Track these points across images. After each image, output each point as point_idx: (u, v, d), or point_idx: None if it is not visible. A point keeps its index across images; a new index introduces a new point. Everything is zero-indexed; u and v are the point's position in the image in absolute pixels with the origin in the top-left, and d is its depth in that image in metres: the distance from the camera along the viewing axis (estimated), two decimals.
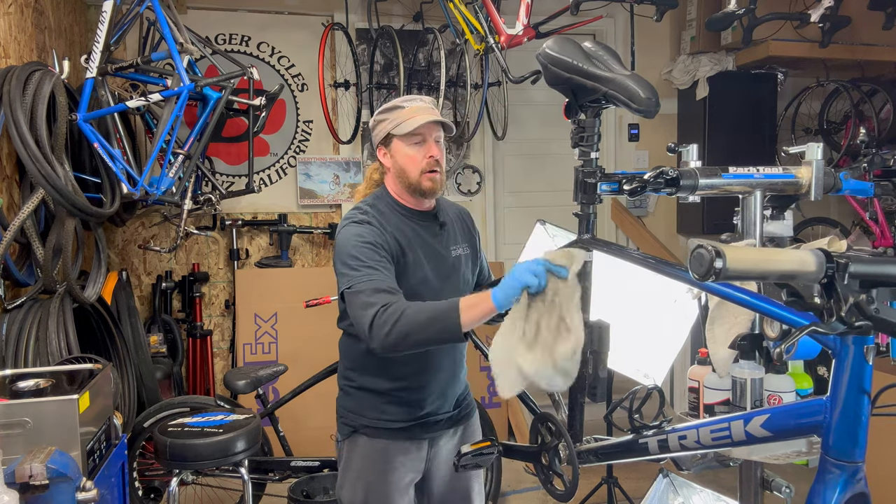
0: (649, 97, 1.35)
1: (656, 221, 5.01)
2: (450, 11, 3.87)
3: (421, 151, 1.81)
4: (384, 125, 1.85)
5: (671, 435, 1.26)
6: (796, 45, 4.24)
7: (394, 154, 1.84)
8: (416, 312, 1.55)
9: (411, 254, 1.81)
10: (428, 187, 1.82)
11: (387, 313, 1.56)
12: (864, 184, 1.77)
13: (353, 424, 1.90)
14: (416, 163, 1.81)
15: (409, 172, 1.82)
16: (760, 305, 1.09)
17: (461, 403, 1.99)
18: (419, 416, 1.88)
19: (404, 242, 1.80)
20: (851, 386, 0.96)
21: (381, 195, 1.90)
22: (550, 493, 1.56)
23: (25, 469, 1.47)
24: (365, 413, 1.88)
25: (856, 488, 0.98)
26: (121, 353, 3.04)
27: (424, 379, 1.87)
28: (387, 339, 1.55)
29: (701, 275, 0.87)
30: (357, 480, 1.89)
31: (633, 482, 3.27)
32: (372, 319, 1.57)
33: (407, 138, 1.81)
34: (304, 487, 2.92)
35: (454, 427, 1.98)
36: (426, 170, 1.81)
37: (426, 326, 1.54)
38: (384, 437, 1.87)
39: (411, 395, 1.87)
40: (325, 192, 4.49)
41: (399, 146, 1.83)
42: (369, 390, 1.87)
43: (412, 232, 1.84)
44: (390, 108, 1.85)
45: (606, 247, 1.47)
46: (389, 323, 1.55)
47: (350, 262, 1.69)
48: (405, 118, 1.80)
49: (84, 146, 3.01)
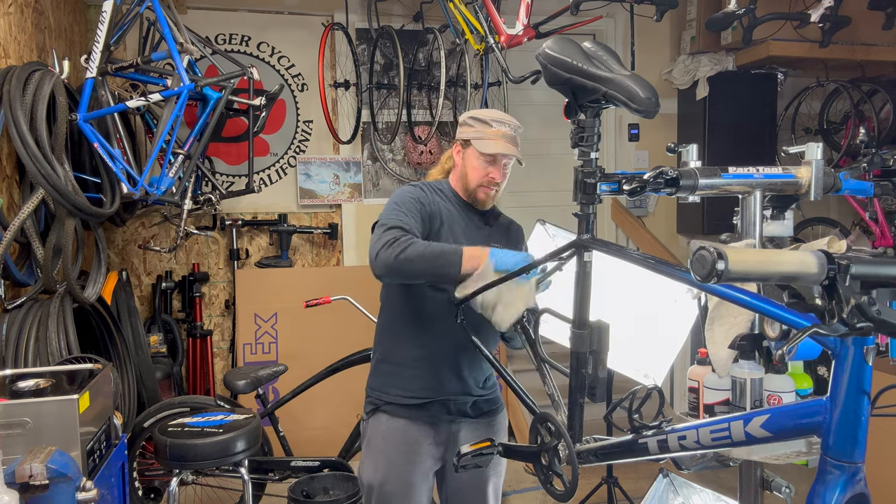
0: (649, 97, 1.35)
1: (656, 221, 5.01)
2: (450, 11, 3.87)
3: (487, 168, 1.96)
4: (468, 130, 1.99)
5: (671, 435, 1.25)
6: (796, 45, 4.24)
7: (466, 158, 2.01)
8: (427, 246, 1.76)
9: (447, 228, 1.96)
10: (480, 198, 2.01)
11: (401, 239, 1.75)
12: (863, 184, 1.77)
13: (376, 402, 2.00)
14: (479, 176, 1.98)
15: (470, 179, 1.99)
16: (760, 306, 1.09)
17: (484, 394, 2.04)
18: (438, 393, 1.96)
19: (445, 217, 1.96)
20: (851, 387, 0.96)
21: (444, 182, 2.08)
22: (550, 493, 1.56)
23: (25, 469, 1.47)
24: (388, 390, 1.99)
25: (856, 489, 0.98)
26: (121, 353, 3.04)
27: (442, 355, 1.95)
28: (394, 259, 1.72)
29: (703, 276, 0.87)
30: (378, 458, 1.97)
31: (633, 482, 3.28)
32: (386, 241, 1.75)
33: (481, 153, 1.96)
34: (304, 487, 2.92)
35: (476, 419, 2.03)
36: (484, 185, 1.98)
37: (431, 260, 1.73)
38: (405, 417, 1.96)
39: (430, 368, 1.95)
40: (325, 192, 4.49)
41: (472, 154, 1.98)
42: (391, 363, 2.00)
43: (458, 216, 2.01)
44: (481, 119, 1.97)
45: (606, 247, 1.47)
46: (400, 247, 1.73)
47: (389, 207, 1.91)
48: (488, 136, 1.94)
49: (84, 146, 3.01)
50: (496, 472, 2.10)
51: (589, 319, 1.49)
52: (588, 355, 1.47)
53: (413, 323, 1.97)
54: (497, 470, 2.11)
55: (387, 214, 1.88)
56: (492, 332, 1.91)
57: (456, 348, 1.95)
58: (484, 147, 1.94)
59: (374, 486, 1.97)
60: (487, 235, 2.03)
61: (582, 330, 1.49)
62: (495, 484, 2.10)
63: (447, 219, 1.97)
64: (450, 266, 1.72)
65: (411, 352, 1.97)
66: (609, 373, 1.49)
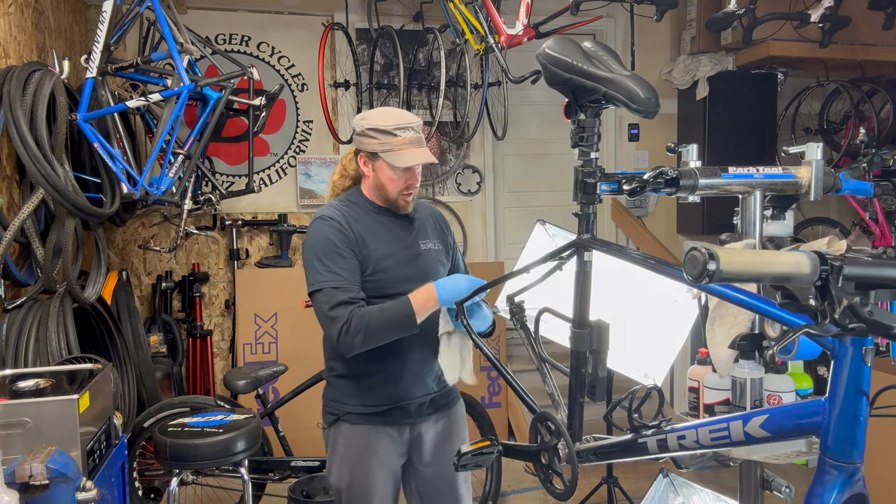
0: (649, 97, 1.35)
1: (656, 221, 5.01)
2: (450, 11, 3.87)
3: (403, 177, 1.92)
4: (372, 143, 1.90)
5: (670, 435, 1.25)
6: (796, 45, 4.23)
7: (377, 170, 1.93)
8: (380, 313, 1.79)
9: (376, 245, 1.92)
10: (402, 205, 1.97)
11: (352, 327, 1.78)
12: (863, 184, 1.77)
13: (336, 413, 2.00)
14: (398, 186, 1.93)
15: (389, 191, 1.94)
16: (759, 306, 1.09)
17: (440, 389, 2.04)
18: (397, 400, 1.96)
19: (368, 237, 1.92)
20: (850, 387, 0.96)
21: (355, 194, 2.01)
22: (550, 493, 1.56)
23: (25, 469, 1.47)
24: (346, 401, 1.98)
25: (854, 489, 0.98)
26: (121, 353, 3.04)
27: (400, 363, 1.95)
28: (355, 348, 1.80)
29: (694, 277, 0.88)
30: (342, 464, 1.98)
31: (633, 482, 3.28)
32: (338, 334, 1.79)
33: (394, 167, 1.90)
34: (304, 487, 2.93)
35: (436, 413, 2.04)
36: (404, 192, 1.94)
37: (391, 327, 1.80)
38: (365, 423, 1.96)
39: (388, 379, 1.94)
40: (325, 191, 4.48)
41: (384, 167, 1.91)
42: (349, 377, 1.97)
43: (381, 226, 1.96)
44: (381, 130, 1.88)
45: (606, 247, 1.47)
46: (358, 331, 1.78)
47: (313, 263, 1.87)
48: (396, 148, 1.88)
49: (84, 146, 3.01)
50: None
51: (589, 319, 1.49)
52: (588, 355, 1.48)
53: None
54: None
55: (316, 275, 1.84)
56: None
57: (413, 355, 1.94)
58: (397, 161, 1.87)
59: (341, 489, 1.99)
60: (415, 235, 2.01)
61: (582, 329, 1.49)
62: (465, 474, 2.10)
63: (372, 234, 1.93)
64: (407, 320, 1.79)
65: (367, 367, 1.94)
66: (609, 372, 1.49)
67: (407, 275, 1.93)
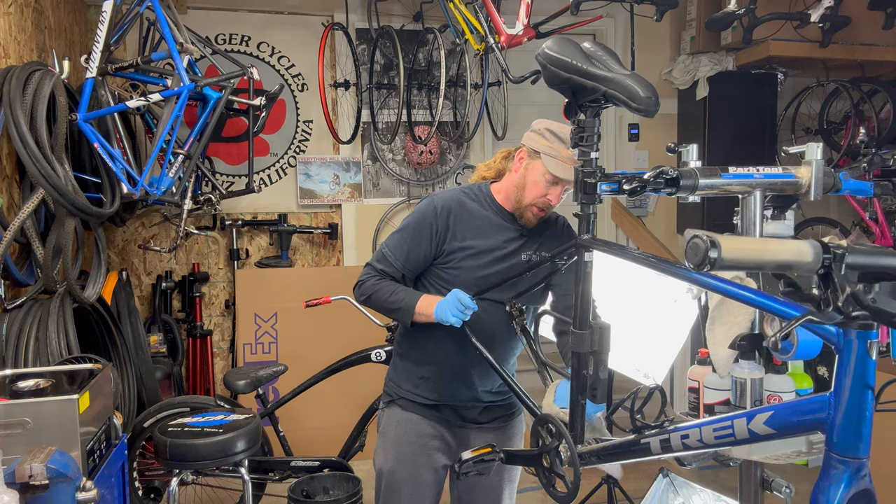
0: (649, 96, 1.35)
1: (656, 221, 5.01)
2: (450, 11, 3.87)
3: (547, 189, 1.88)
4: (542, 142, 1.87)
5: (673, 434, 1.25)
6: (796, 45, 4.23)
7: (529, 169, 1.89)
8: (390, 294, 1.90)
9: (468, 241, 1.93)
10: (528, 217, 1.93)
11: (367, 284, 1.95)
12: (863, 184, 1.77)
13: (392, 394, 2.06)
14: (537, 194, 1.88)
15: (527, 194, 1.90)
16: (760, 301, 1.09)
17: (495, 400, 2.04)
18: (448, 399, 1.99)
19: (472, 228, 1.93)
20: (855, 381, 0.95)
21: (483, 185, 2.01)
22: (552, 496, 1.55)
23: (25, 469, 1.46)
24: (402, 384, 2.04)
25: (860, 485, 0.97)
26: (121, 353, 3.04)
27: (451, 359, 1.96)
28: (362, 300, 1.97)
29: (696, 264, 0.88)
30: (390, 447, 2.03)
31: (633, 482, 3.27)
32: (359, 281, 1.97)
33: (549, 172, 1.86)
34: (304, 487, 2.92)
35: (489, 423, 2.05)
36: (539, 205, 1.90)
37: (388, 309, 1.93)
38: (417, 413, 2.01)
39: (438, 375, 1.98)
40: (325, 192, 4.49)
41: (538, 168, 1.87)
42: (408, 360, 2.04)
43: (491, 224, 1.95)
44: (559, 136, 1.85)
45: (606, 247, 1.47)
46: (364, 294, 1.95)
47: (395, 234, 1.97)
48: (561, 158, 1.83)
49: (84, 146, 3.01)
50: (510, 478, 2.13)
51: (590, 320, 1.49)
52: (589, 356, 1.47)
53: (422, 329, 1.95)
54: (511, 475, 2.13)
55: (384, 245, 1.97)
56: (506, 344, 1.97)
57: (465, 357, 1.94)
58: (555, 168, 1.83)
59: (384, 472, 2.03)
60: (521, 246, 1.95)
61: (583, 330, 1.48)
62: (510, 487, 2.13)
63: (474, 229, 1.92)
64: (403, 317, 1.90)
65: (421, 356, 2.01)
66: (610, 373, 1.49)
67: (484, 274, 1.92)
